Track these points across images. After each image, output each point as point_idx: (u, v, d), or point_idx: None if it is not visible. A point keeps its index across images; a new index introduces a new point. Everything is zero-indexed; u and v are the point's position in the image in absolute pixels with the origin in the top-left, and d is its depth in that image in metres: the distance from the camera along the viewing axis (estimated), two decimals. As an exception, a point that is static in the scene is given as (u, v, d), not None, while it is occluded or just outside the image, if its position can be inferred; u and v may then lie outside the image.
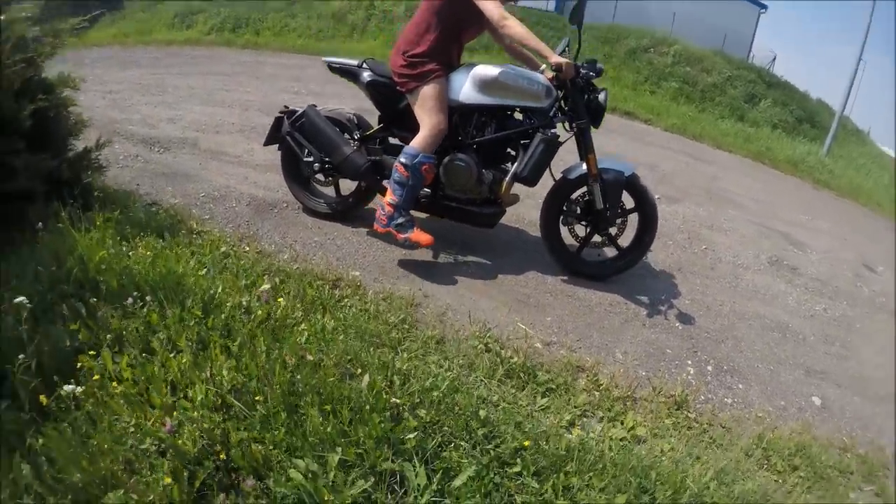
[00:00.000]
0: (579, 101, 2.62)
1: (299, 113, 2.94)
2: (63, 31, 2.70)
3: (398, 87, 2.70)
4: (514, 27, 2.46)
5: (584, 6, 2.59)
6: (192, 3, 18.11)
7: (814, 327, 3.13)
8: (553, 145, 2.62)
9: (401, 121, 2.81)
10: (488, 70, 2.62)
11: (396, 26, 14.41)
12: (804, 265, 4.06)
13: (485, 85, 2.62)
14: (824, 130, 11.91)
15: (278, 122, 3.04)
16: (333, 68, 2.95)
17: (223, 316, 1.89)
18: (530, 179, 2.64)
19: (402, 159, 2.62)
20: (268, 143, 3.11)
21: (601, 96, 2.66)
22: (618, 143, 7.03)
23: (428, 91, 2.60)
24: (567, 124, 2.70)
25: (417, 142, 2.61)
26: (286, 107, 3.06)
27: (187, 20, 17.35)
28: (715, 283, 3.34)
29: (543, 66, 2.79)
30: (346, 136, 2.95)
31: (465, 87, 2.65)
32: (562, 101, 2.69)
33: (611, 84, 11.67)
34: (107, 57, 12.77)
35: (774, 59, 19.57)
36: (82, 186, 2.70)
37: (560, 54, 2.64)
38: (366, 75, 2.82)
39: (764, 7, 19.03)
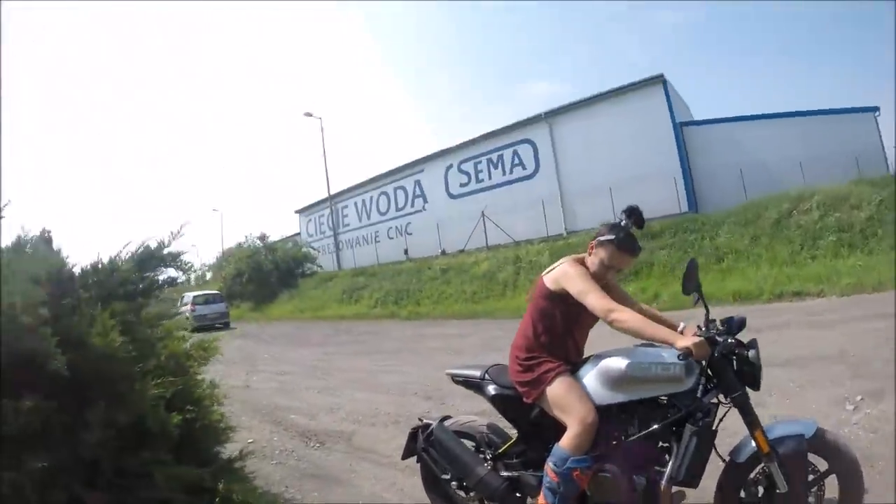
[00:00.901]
0: (727, 372, 2.22)
1: (431, 428, 2.85)
2: (212, 349, 3.01)
3: (524, 398, 2.51)
4: (625, 321, 2.25)
5: (696, 269, 2.40)
6: (357, 279, 20.92)
7: None
8: (708, 436, 2.18)
9: (537, 432, 2.54)
10: (615, 364, 2.34)
11: (544, 276, 14.94)
12: None
13: (614, 382, 2.33)
14: None
15: (413, 435, 2.98)
16: (457, 381, 2.89)
17: None
18: (689, 481, 2.17)
19: (551, 463, 2.33)
20: (405, 456, 3.03)
21: (751, 354, 2.21)
22: (789, 339, 6.13)
23: (557, 389, 2.39)
24: (721, 397, 2.27)
25: (566, 442, 2.31)
26: (420, 420, 3.02)
27: (354, 295, 19.98)
28: None
29: (682, 324, 2.47)
30: (481, 451, 2.77)
31: (595, 387, 2.37)
32: (708, 370, 2.27)
33: (767, 266, 10.67)
34: (284, 334, 15.00)
35: (914, 153, 17.07)
36: (222, 496, 2.66)
37: (696, 303, 2.35)
38: (490, 389, 2.67)
39: (877, 109, 17.29)
